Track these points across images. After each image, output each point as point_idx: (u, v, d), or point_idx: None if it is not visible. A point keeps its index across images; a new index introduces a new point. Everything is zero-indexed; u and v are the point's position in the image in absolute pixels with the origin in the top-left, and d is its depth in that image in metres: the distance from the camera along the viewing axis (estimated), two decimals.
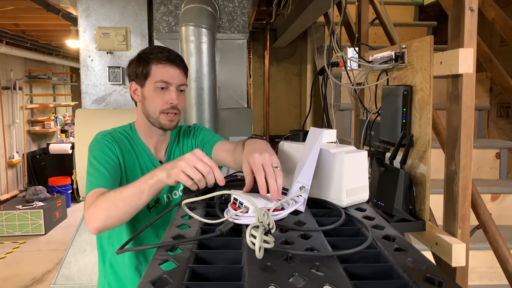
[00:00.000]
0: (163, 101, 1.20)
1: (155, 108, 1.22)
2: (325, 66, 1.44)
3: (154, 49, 1.22)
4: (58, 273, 2.51)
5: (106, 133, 1.25)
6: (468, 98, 1.16)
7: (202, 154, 0.95)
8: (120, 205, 1.01)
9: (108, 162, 1.17)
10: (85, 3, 2.58)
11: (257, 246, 0.63)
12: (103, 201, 1.03)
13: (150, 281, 0.56)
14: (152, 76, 1.20)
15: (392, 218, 1.21)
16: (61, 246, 4.73)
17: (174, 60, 1.21)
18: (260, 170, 0.87)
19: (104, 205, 1.02)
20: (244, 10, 2.61)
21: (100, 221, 1.02)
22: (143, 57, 1.21)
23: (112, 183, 1.15)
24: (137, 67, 1.22)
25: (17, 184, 6.62)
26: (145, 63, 1.20)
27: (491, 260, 1.71)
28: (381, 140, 1.35)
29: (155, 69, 1.20)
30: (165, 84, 1.20)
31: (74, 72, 8.07)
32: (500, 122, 3.10)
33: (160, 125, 1.24)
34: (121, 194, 1.01)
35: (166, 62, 1.19)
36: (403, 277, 0.58)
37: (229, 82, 2.65)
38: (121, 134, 1.28)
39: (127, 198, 1.00)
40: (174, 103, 1.20)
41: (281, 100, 5.09)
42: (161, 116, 1.22)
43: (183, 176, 0.93)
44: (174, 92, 1.20)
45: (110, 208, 1.01)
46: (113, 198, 1.02)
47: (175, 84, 1.21)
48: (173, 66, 1.20)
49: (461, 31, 1.15)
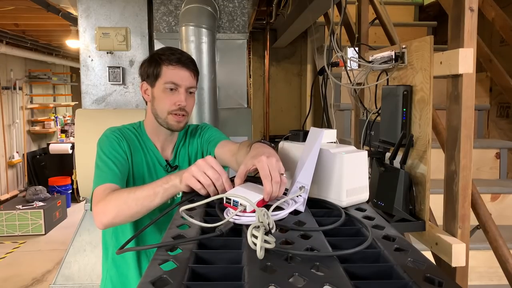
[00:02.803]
0: (171, 102, 1.22)
1: (163, 108, 1.23)
2: (325, 66, 1.44)
3: (167, 51, 1.24)
4: (58, 273, 2.51)
5: (116, 129, 1.27)
6: (468, 98, 1.16)
7: (214, 161, 0.95)
8: (133, 205, 1.02)
9: (117, 158, 1.19)
10: (85, 3, 2.58)
11: (258, 246, 0.63)
12: (116, 198, 1.04)
13: (150, 281, 0.56)
14: (162, 77, 1.22)
15: (392, 218, 1.21)
16: (61, 246, 4.73)
17: (185, 62, 1.22)
18: (268, 176, 0.86)
19: (116, 202, 1.04)
20: (244, 10, 2.61)
21: (110, 217, 1.04)
22: (155, 57, 1.24)
23: (121, 178, 1.16)
24: (148, 67, 1.24)
25: (17, 184, 6.62)
26: (156, 64, 1.22)
27: (491, 260, 1.71)
28: (381, 140, 1.35)
29: (166, 70, 1.21)
30: (174, 85, 1.21)
31: (74, 72, 8.07)
32: (500, 122, 3.10)
33: (168, 126, 1.25)
34: (134, 194, 1.03)
35: (177, 64, 1.21)
36: (403, 277, 0.58)
37: (229, 82, 2.64)
38: (130, 131, 1.30)
39: (140, 199, 1.02)
40: (182, 104, 1.22)
41: (281, 100, 5.09)
42: (169, 117, 1.23)
43: (193, 180, 0.95)
44: (183, 94, 1.22)
45: (121, 206, 1.03)
46: (126, 197, 1.03)
47: (184, 86, 1.22)
48: (183, 68, 1.22)
49: (461, 31, 1.15)
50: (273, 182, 0.85)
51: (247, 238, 0.66)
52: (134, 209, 1.03)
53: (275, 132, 4.93)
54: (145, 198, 1.01)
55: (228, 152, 1.25)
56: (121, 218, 1.05)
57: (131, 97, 2.64)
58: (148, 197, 1.01)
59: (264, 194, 0.84)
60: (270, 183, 0.85)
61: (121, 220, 1.06)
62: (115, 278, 1.31)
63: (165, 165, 1.31)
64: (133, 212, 1.03)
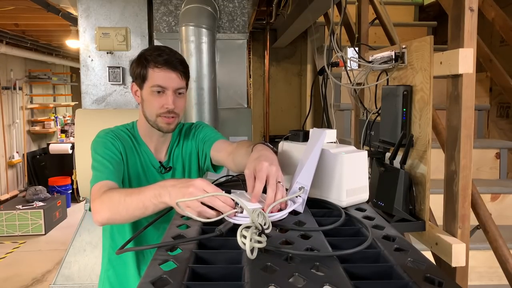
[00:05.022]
0: (159, 104, 1.20)
1: (151, 111, 1.22)
2: (325, 66, 1.44)
3: (154, 51, 1.20)
4: (58, 273, 2.51)
5: (109, 130, 1.26)
6: (468, 98, 1.16)
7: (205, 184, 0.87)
8: (124, 213, 1.00)
9: (111, 157, 1.18)
10: (85, 3, 2.58)
11: (248, 247, 0.62)
12: (108, 200, 1.02)
13: (150, 281, 0.56)
14: (149, 79, 1.19)
15: (392, 218, 1.21)
16: (61, 246, 4.73)
17: (172, 63, 1.19)
18: (262, 179, 0.84)
19: (108, 205, 1.02)
20: (244, 10, 2.61)
21: (104, 218, 1.03)
22: (142, 59, 1.21)
23: (117, 175, 1.16)
24: (136, 68, 1.22)
25: (17, 184, 6.62)
26: (143, 66, 1.20)
27: (491, 260, 1.71)
28: (381, 140, 1.35)
29: (152, 73, 1.19)
30: (161, 88, 1.19)
31: (74, 72, 8.07)
32: (500, 122, 3.10)
33: (158, 128, 1.24)
34: (125, 202, 0.99)
35: (163, 66, 1.18)
36: (403, 277, 0.58)
37: (229, 82, 2.64)
38: (123, 132, 1.29)
39: (131, 209, 0.98)
40: (169, 107, 1.19)
41: (281, 100, 5.09)
42: (158, 119, 1.22)
43: (188, 211, 0.86)
44: (170, 96, 1.19)
45: (113, 211, 1.01)
46: (118, 203, 1.00)
47: (172, 88, 1.20)
48: (169, 69, 1.18)
49: (461, 31, 1.15)
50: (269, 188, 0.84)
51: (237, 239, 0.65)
52: (126, 217, 1.00)
53: (275, 132, 4.93)
54: (135, 209, 0.98)
55: (224, 151, 1.23)
56: (114, 220, 1.04)
57: (131, 97, 2.63)
58: (138, 209, 0.97)
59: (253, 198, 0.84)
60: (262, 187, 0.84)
61: (115, 221, 1.05)
62: (113, 278, 1.31)
63: (159, 166, 1.30)
64: (124, 219, 1.02)
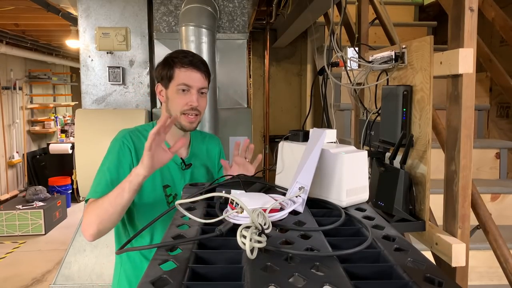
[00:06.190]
0: (184, 102, 1.28)
1: (176, 109, 1.29)
2: (325, 66, 1.44)
3: (180, 53, 1.31)
4: (58, 273, 2.51)
5: (127, 133, 1.31)
6: (468, 98, 1.16)
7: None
8: (109, 208, 1.11)
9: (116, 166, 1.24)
10: (85, 3, 2.58)
11: (247, 247, 0.62)
12: (95, 208, 1.14)
13: (150, 281, 0.56)
14: (175, 79, 1.28)
15: (392, 218, 1.21)
16: (61, 246, 4.74)
17: (197, 64, 1.29)
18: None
19: (96, 211, 1.13)
20: (244, 10, 2.61)
21: (94, 226, 1.12)
22: (168, 60, 1.30)
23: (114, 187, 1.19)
24: (162, 69, 1.30)
25: (17, 184, 6.62)
26: (169, 66, 1.29)
27: (491, 260, 1.71)
28: (381, 140, 1.35)
29: (178, 72, 1.28)
30: (187, 86, 1.28)
31: (74, 72, 8.07)
32: (500, 122, 3.10)
33: (181, 126, 1.32)
34: (107, 197, 1.12)
35: (189, 66, 1.28)
36: (403, 277, 0.58)
37: (229, 82, 2.64)
38: (141, 134, 1.33)
39: (112, 199, 1.11)
40: (193, 105, 1.28)
41: (281, 100, 5.09)
42: (181, 117, 1.30)
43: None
44: (194, 95, 1.28)
45: (101, 213, 1.12)
46: (101, 202, 1.13)
47: (196, 87, 1.29)
48: (195, 70, 1.28)
49: (461, 31, 1.15)
50: None
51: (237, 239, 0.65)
52: (111, 210, 1.11)
53: (275, 132, 4.93)
54: (116, 197, 1.10)
55: None
56: (104, 224, 1.13)
57: (131, 97, 2.63)
58: (118, 194, 1.10)
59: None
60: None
61: (105, 225, 1.13)
62: (129, 272, 1.33)
63: (180, 163, 1.35)
64: (111, 213, 1.11)
